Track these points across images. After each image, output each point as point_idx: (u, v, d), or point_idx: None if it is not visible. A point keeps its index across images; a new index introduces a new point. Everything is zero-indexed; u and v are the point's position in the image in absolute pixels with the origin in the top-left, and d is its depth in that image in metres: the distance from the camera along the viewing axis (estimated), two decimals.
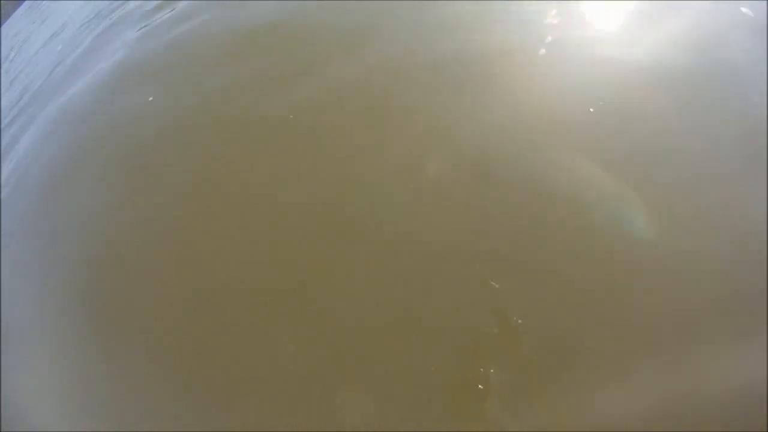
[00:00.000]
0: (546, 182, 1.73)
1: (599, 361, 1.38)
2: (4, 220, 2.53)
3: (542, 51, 2.22)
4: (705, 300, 1.45)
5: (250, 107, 2.38)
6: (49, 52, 4.61)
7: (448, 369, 1.42)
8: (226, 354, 1.62)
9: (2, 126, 3.66)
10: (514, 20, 2.43)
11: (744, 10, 2.18)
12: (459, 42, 2.37)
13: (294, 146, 2.13)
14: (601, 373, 1.37)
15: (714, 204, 1.63)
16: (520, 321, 1.46)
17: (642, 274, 1.51)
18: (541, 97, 2.03)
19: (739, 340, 1.39)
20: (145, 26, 3.61)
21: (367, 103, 2.19)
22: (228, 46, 2.89)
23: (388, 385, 1.44)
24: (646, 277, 1.51)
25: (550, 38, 2.26)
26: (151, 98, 2.74)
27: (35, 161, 2.83)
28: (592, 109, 1.91)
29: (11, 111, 3.90)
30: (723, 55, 2.06)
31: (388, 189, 1.85)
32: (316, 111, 2.24)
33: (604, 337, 1.42)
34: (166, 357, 1.68)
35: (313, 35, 2.72)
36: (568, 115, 1.93)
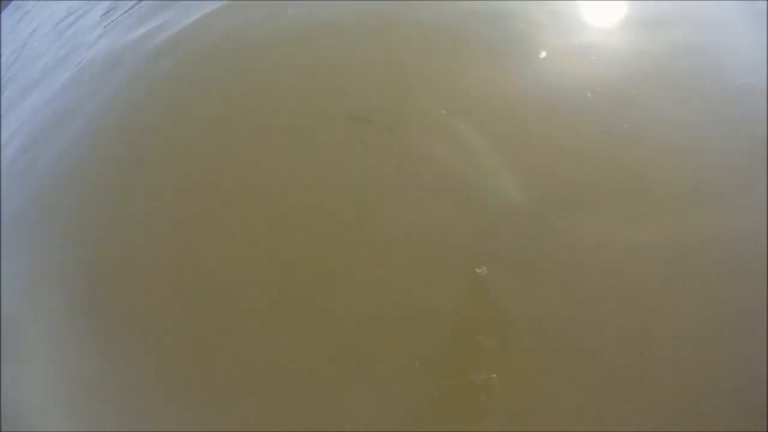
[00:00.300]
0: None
1: (595, 361, 1.39)
2: (3, 218, 2.53)
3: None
4: (704, 299, 1.45)
5: None
6: (30, 49, 4.73)
7: (449, 368, 1.43)
8: (226, 354, 1.62)
9: None
10: None
11: None
12: None
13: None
14: (598, 373, 1.37)
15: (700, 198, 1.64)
16: (523, 319, 1.46)
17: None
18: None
19: (738, 339, 1.39)
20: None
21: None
22: None
23: (389, 386, 1.44)
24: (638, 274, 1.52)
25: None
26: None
27: (29, 158, 2.83)
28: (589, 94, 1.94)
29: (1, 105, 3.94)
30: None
31: (388, 188, 1.85)
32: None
33: (601, 337, 1.42)
34: (166, 357, 1.68)
35: None
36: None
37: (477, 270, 1.55)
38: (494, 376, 1.38)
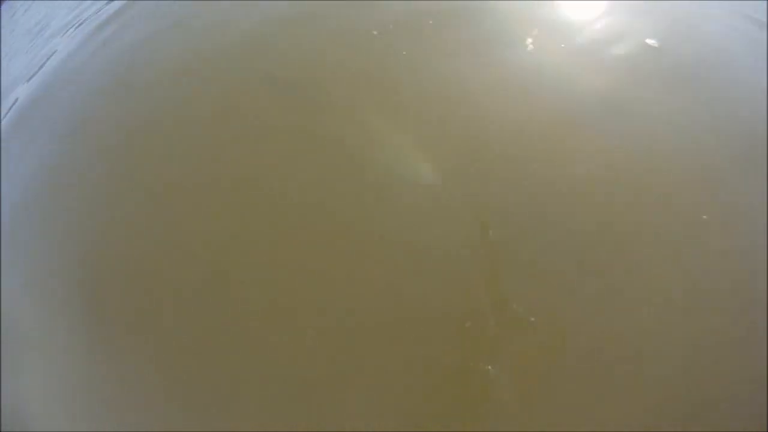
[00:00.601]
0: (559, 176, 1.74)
1: (597, 361, 1.39)
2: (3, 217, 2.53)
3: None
4: (703, 299, 1.45)
5: None
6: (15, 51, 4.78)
7: (450, 369, 1.43)
8: (225, 354, 1.62)
9: None
10: None
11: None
12: None
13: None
14: (599, 372, 1.37)
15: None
16: (531, 319, 1.46)
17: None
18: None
19: (738, 339, 1.39)
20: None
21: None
22: None
23: (389, 385, 1.44)
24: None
25: None
26: None
27: (26, 156, 2.82)
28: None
29: None
30: None
31: (387, 188, 1.85)
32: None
33: (603, 336, 1.42)
34: (166, 357, 1.68)
35: None
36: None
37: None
38: (494, 374, 1.38)
